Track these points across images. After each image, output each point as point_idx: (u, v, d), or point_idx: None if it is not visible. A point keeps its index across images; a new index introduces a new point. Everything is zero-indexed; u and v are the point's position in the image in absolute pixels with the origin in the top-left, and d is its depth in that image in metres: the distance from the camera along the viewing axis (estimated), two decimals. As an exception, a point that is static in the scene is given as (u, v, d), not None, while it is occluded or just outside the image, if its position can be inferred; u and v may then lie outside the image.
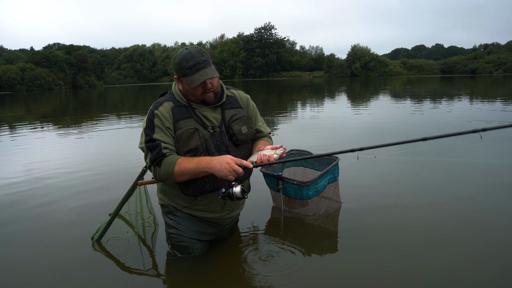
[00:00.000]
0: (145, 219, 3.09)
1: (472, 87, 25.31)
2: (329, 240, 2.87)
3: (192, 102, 2.29)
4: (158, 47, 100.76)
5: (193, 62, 2.14)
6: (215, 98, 2.29)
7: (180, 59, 2.17)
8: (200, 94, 2.22)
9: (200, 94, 2.22)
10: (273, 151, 2.17)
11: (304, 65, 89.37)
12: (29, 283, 2.41)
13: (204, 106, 2.30)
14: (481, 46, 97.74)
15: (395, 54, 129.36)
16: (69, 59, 72.20)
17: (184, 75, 2.17)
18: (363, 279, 2.30)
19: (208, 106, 2.31)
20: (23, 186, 4.51)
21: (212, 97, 2.27)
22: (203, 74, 2.13)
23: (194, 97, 2.25)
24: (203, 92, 2.21)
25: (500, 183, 3.95)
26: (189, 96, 2.27)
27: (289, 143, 6.37)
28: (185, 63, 2.14)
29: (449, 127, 7.90)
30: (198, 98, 2.26)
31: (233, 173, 2.04)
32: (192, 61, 2.14)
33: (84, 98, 29.98)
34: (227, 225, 2.64)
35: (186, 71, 2.15)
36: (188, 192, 2.31)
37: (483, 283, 2.21)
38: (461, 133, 1.90)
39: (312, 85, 38.49)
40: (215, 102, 2.31)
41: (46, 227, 3.30)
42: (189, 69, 2.14)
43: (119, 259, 2.65)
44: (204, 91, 2.21)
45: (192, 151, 2.18)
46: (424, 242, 2.72)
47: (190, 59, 2.14)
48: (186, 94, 2.27)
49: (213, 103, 2.30)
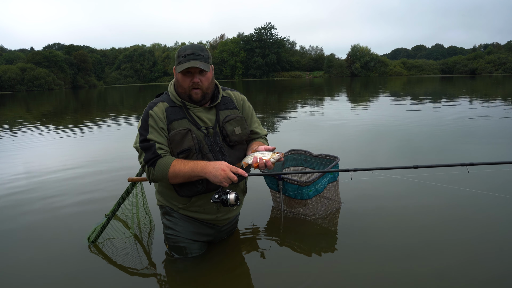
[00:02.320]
0: (141, 219, 3.07)
1: (472, 87, 25.29)
2: (329, 240, 2.85)
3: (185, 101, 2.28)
4: (158, 47, 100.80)
5: (189, 52, 2.17)
6: (202, 97, 2.26)
7: (180, 48, 2.23)
8: (187, 87, 2.22)
9: (187, 87, 2.22)
10: (270, 154, 2.12)
11: (304, 65, 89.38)
12: (26, 283, 2.38)
13: (199, 106, 2.29)
14: (481, 46, 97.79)
15: (395, 54, 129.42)
16: (69, 59, 72.21)
17: (178, 63, 2.20)
18: (362, 279, 2.28)
19: (202, 106, 2.30)
20: (22, 186, 4.48)
21: (199, 95, 2.24)
22: (192, 63, 2.15)
23: (182, 90, 2.25)
24: (191, 85, 2.21)
25: (500, 183, 3.93)
26: (178, 88, 2.27)
27: (289, 143, 6.36)
28: (183, 52, 2.19)
29: (449, 127, 7.90)
30: (185, 92, 2.24)
31: (227, 180, 2.04)
32: (189, 51, 2.17)
33: (84, 98, 29.98)
34: (224, 226, 2.60)
35: (180, 59, 2.18)
36: (182, 193, 2.30)
37: (483, 283, 2.19)
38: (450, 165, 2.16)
39: (312, 85, 38.48)
40: (202, 102, 2.29)
41: (44, 227, 3.28)
42: (183, 57, 2.17)
43: (115, 260, 2.62)
44: (192, 85, 2.20)
45: (185, 152, 2.18)
46: (423, 242, 2.70)
47: (188, 49, 2.19)
48: (177, 86, 2.28)
49: (199, 103, 2.29)
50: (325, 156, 3.49)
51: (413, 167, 2.08)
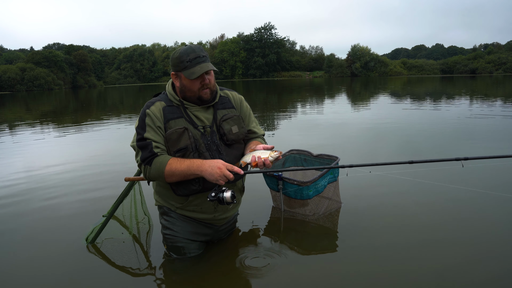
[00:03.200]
0: (140, 220, 3.06)
1: (472, 87, 25.29)
2: (329, 240, 2.84)
3: (187, 102, 2.27)
4: (158, 47, 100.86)
5: (194, 55, 2.15)
6: (211, 95, 2.28)
7: (180, 53, 2.18)
8: (197, 90, 2.21)
9: (197, 90, 2.21)
10: (268, 153, 2.13)
11: (304, 65, 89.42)
12: (24, 283, 2.36)
13: (196, 106, 2.29)
14: (481, 46, 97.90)
15: (395, 54, 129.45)
16: (69, 59, 72.21)
17: (183, 68, 2.16)
18: (362, 279, 2.27)
19: (201, 106, 2.30)
20: (21, 185, 4.48)
21: (209, 94, 2.26)
22: (203, 67, 2.14)
23: (191, 93, 2.24)
24: (201, 87, 2.21)
25: (499, 183, 3.92)
26: (186, 93, 2.25)
27: (289, 142, 6.35)
28: (186, 56, 2.15)
29: (449, 127, 7.89)
30: (195, 94, 2.24)
31: (223, 178, 2.04)
32: (193, 54, 2.15)
33: (84, 98, 29.98)
34: (222, 226, 2.59)
35: (186, 64, 2.15)
36: (179, 192, 2.30)
37: (483, 283, 2.18)
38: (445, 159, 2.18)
39: (312, 85, 38.49)
40: (210, 100, 2.31)
41: (43, 227, 3.27)
42: (189, 62, 2.14)
43: (113, 260, 2.60)
44: (202, 86, 2.20)
45: (182, 151, 2.18)
46: (423, 242, 2.69)
47: (191, 53, 2.16)
48: (183, 90, 2.25)
49: (209, 101, 2.29)
50: (325, 156, 3.49)
51: (408, 162, 2.11)
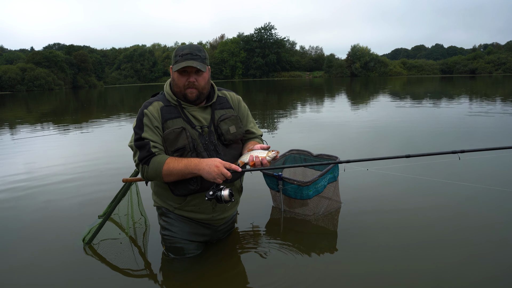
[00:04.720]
0: (136, 220, 3.05)
1: (472, 87, 25.29)
2: (329, 240, 2.84)
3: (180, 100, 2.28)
4: (158, 47, 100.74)
5: (187, 51, 2.19)
6: (197, 97, 2.27)
7: (177, 48, 2.25)
8: (182, 86, 2.23)
9: (182, 86, 2.23)
10: (266, 153, 2.14)
11: (304, 65, 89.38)
12: (22, 283, 2.35)
13: (194, 106, 2.30)
14: (481, 46, 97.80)
15: (395, 54, 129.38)
16: (69, 59, 72.15)
17: (175, 62, 2.21)
18: (362, 279, 2.27)
19: (197, 105, 2.31)
20: (21, 185, 4.47)
21: (194, 94, 2.25)
22: (188, 63, 2.16)
23: (178, 89, 2.26)
24: (186, 85, 2.22)
25: (500, 184, 3.92)
26: (174, 87, 2.28)
27: (289, 143, 6.35)
28: (180, 51, 2.20)
29: (450, 127, 7.89)
30: (180, 91, 2.25)
31: (221, 177, 2.04)
32: (186, 50, 2.19)
33: (85, 98, 29.97)
34: (221, 226, 2.58)
35: (177, 58, 2.20)
36: (177, 192, 2.29)
37: (483, 283, 2.18)
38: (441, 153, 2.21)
39: (312, 85, 38.48)
40: (196, 102, 2.30)
41: (41, 227, 3.26)
42: (180, 56, 2.19)
43: (110, 261, 2.59)
44: (188, 84, 2.21)
45: (179, 151, 2.18)
46: (423, 242, 2.69)
47: (186, 49, 2.20)
48: (173, 85, 2.29)
49: (194, 102, 2.29)
50: (325, 156, 3.48)
51: (405, 156, 2.12)
